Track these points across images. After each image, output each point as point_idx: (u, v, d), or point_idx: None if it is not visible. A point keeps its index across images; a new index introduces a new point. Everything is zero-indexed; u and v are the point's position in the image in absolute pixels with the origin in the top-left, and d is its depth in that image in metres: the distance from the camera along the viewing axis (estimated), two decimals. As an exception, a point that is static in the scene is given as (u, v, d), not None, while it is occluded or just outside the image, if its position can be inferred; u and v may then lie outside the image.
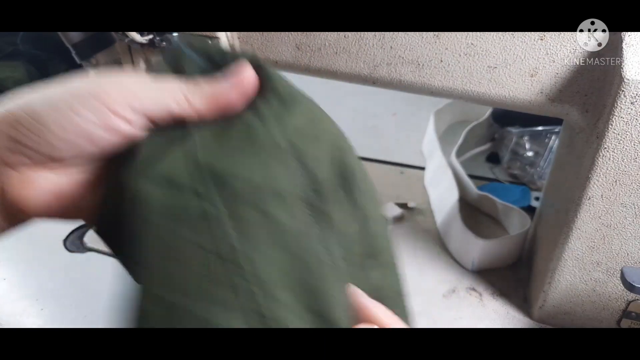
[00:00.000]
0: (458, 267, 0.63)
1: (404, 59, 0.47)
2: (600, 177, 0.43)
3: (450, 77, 0.46)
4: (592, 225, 0.46)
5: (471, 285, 0.60)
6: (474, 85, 0.46)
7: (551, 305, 0.53)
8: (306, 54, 0.50)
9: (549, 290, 0.52)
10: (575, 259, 0.48)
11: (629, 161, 0.41)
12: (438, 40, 0.45)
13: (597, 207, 0.45)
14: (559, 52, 0.42)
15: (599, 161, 0.42)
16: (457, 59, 0.45)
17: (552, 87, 0.43)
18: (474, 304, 0.57)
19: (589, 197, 0.44)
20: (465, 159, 0.84)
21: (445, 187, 0.71)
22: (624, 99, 0.39)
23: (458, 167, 0.74)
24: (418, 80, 0.48)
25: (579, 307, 0.52)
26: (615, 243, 0.46)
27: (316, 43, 0.49)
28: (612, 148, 0.41)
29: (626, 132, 0.40)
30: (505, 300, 0.58)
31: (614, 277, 0.49)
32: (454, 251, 0.64)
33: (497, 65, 0.44)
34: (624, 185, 0.43)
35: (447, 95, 0.48)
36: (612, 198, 0.44)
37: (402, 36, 0.46)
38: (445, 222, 0.67)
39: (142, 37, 0.50)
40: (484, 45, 0.44)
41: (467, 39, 0.44)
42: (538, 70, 0.43)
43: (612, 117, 0.40)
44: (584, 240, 0.47)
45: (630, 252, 0.46)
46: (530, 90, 0.44)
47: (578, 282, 0.50)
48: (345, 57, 0.49)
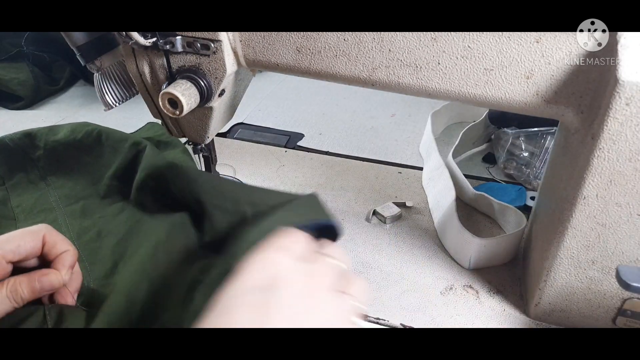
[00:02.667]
0: (455, 265, 0.63)
1: (402, 61, 0.47)
2: (595, 177, 0.44)
3: (447, 80, 0.47)
4: (587, 224, 0.46)
5: (468, 283, 0.61)
6: (471, 88, 0.47)
7: (547, 303, 0.54)
8: (306, 57, 0.51)
9: (545, 288, 0.52)
10: (571, 257, 0.49)
11: (623, 161, 0.42)
12: (435, 43, 0.46)
13: (592, 206, 0.45)
14: (554, 55, 0.42)
15: (594, 161, 0.43)
16: (454, 62, 0.46)
17: (548, 89, 0.44)
18: (471, 302, 0.58)
19: (584, 197, 0.45)
20: (462, 160, 0.85)
21: (442, 187, 0.72)
22: (618, 100, 0.39)
23: (455, 167, 0.75)
24: (416, 82, 0.48)
25: (574, 305, 0.53)
26: (610, 242, 0.47)
27: (316, 46, 0.50)
28: (607, 148, 0.42)
29: (621, 132, 0.41)
30: (502, 297, 0.59)
31: (609, 276, 0.49)
32: (451, 249, 0.65)
33: (494, 67, 0.45)
34: (619, 185, 0.43)
35: (444, 97, 0.49)
36: (607, 198, 0.44)
37: (400, 39, 0.46)
38: (442, 221, 0.68)
39: (146, 40, 0.50)
40: (480, 48, 0.44)
41: (463, 41, 0.45)
42: (534, 73, 0.44)
43: (607, 118, 0.41)
44: (579, 239, 0.48)
45: (625, 250, 0.47)
46: (526, 92, 0.45)
47: (573, 280, 0.51)
48: (345, 60, 0.49)
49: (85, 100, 1.10)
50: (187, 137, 0.62)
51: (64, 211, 0.68)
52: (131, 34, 0.49)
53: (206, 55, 0.51)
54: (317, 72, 0.51)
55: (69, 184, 0.73)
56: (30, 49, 1.10)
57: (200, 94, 0.52)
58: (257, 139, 0.93)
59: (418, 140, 0.91)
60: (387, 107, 1.05)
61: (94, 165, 0.74)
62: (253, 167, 0.83)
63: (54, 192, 0.72)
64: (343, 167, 0.84)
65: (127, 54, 0.55)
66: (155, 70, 0.54)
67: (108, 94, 0.58)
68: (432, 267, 0.63)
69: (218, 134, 0.83)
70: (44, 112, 1.05)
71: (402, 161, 0.86)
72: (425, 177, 0.79)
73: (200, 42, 0.50)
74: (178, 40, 0.51)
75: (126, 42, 0.52)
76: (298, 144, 0.91)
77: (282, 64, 0.52)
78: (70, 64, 1.13)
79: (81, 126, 0.76)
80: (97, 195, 0.71)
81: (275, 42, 0.51)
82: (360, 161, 0.86)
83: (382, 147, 0.90)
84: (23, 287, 0.48)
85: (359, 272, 0.62)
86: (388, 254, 0.65)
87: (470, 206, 0.73)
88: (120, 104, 0.59)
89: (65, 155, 0.75)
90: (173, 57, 0.53)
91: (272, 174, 0.82)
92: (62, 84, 1.13)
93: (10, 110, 1.05)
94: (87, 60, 0.55)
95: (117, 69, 0.58)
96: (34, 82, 1.06)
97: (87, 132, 0.74)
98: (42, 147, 0.75)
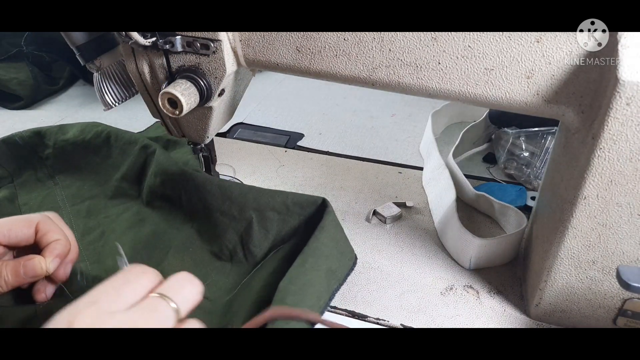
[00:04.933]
0: (455, 265, 0.63)
1: (402, 61, 0.47)
2: (596, 177, 0.44)
3: (447, 79, 0.47)
4: (587, 224, 0.46)
5: (468, 283, 0.60)
6: (471, 87, 0.47)
7: (547, 303, 0.53)
8: (306, 57, 0.51)
9: (545, 289, 0.52)
10: (571, 257, 0.49)
11: (624, 161, 0.42)
12: (436, 43, 0.45)
13: (593, 206, 0.45)
14: (555, 54, 0.42)
15: (594, 161, 0.43)
16: (455, 62, 0.46)
17: (548, 89, 0.44)
18: (471, 302, 0.58)
19: (584, 197, 0.45)
20: (463, 160, 0.85)
21: (442, 187, 0.72)
22: (619, 100, 0.39)
23: (455, 167, 0.75)
24: (416, 82, 0.48)
25: (575, 305, 0.53)
26: (610, 242, 0.47)
27: (316, 46, 0.50)
28: (608, 148, 0.42)
29: (621, 132, 0.41)
30: (502, 298, 0.59)
31: (610, 276, 0.49)
32: (451, 250, 0.65)
33: (494, 67, 0.45)
34: (620, 185, 0.43)
35: (444, 97, 0.49)
36: (608, 198, 0.44)
37: (400, 39, 0.46)
38: (442, 221, 0.68)
39: (145, 40, 0.50)
40: (480, 48, 0.44)
41: (464, 41, 0.45)
42: (534, 72, 0.44)
43: (607, 118, 0.40)
44: (579, 239, 0.48)
45: (625, 250, 0.47)
46: (526, 92, 0.45)
47: (574, 280, 0.51)
48: (345, 60, 0.49)
49: (85, 100, 1.10)
50: (187, 137, 0.62)
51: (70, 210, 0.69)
52: (131, 33, 0.49)
53: (206, 55, 0.51)
54: (317, 72, 0.51)
55: (76, 184, 0.74)
56: (29, 48, 1.10)
57: (200, 94, 0.52)
58: (257, 139, 0.93)
59: (418, 140, 0.91)
60: (387, 107, 1.05)
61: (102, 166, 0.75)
62: (253, 167, 0.83)
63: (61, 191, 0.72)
64: (343, 167, 0.84)
65: (126, 53, 0.55)
66: (154, 70, 0.54)
67: (107, 93, 0.58)
68: (432, 267, 0.63)
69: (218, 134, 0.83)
70: (43, 112, 1.05)
71: (402, 161, 0.86)
72: (426, 177, 0.79)
73: (200, 42, 0.50)
74: (178, 40, 0.51)
75: (126, 42, 0.52)
76: (298, 144, 0.91)
77: (282, 64, 0.52)
78: (70, 63, 1.13)
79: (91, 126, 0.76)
80: (103, 196, 0.71)
81: (275, 41, 0.51)
82: (360, 161, 0.86)
83: (382, 147, 0.90)
84: (8, 271, 0.48)
85: (359, 272, 0.62)
86: (388, 254, 0.65)
87: (471, 206, 0.73)
88: (120, 103, 0.59)
89: (73, 155, 0.76)
90: (173, 56, 0.53)
91: (272, 174, 0.82)
92: (61, 84, 1.13)
93: (9, 110, 1.05)
94: (87, 60, 0.55)
95: (116, 69, 0.58)
96: (34, 82, 1.06)
97: (97, 133, 0.75)
98: (52, 146, 0.76)
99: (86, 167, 0.75)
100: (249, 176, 0.81)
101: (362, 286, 0.60)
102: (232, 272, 0.59)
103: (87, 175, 0.74)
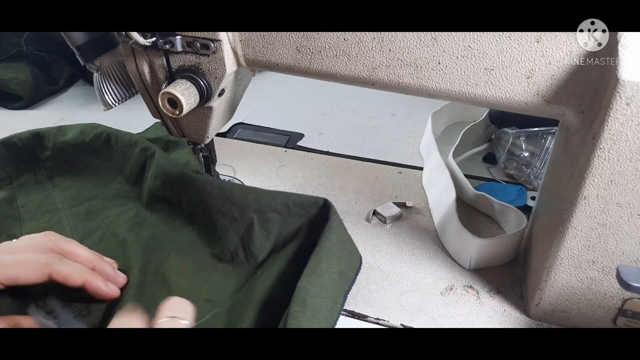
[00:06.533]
0: (455, 265, 0.63)
1: (402, 61, 0.47)
2: (596, 177, 0.44)
3: (447, 79, 0.47)
4: (587, 224, 0.46)
5: (468, 283, 0.60)
6: (471, 87, 0.47)
7: (547, 303, 0.53)
8: (306, 57, 0.51)
9: (545, 289, 0.52)
10: (571, 257, 0.49)
11: (624, 161, 0.42)
12: (436, 43, 0.45)
13: (593, 206, 0.45)
14: (555, 54, 0.42)
15: (594, 161, 0.43)
16: (455, 62, 0.46)
17: (548, 89, 0.44)
18: (471, 302, 0.58)
19: (584, 197, 0.45)
20: (462, 160, 0.85)
21: (442, 187, 0.72)
22: (619, 100, 0.39)
23: (455, 167, 0.75)
24: (416, 82, 0.48)
25: (575, 305, 0.53)
26: (610, 242, 0.47)
27: (316, 46, 0.50)
28: (608, 148, 0.42)
29: (621, 132, 0.41)
30: (502, 298, 0.59)
31: (610, 276, 0.49)
32: (451, 250, 0.65)
33: (494, 67, 0.45)
34: (620, 185, 0.43)
35: (444, 97, 0.49)
36: (608, 198, 0.44)
37: (400, 39, 0.46)
38: (442, 221, 0.68)
39: (145, 40, 0.50)
40: (480, 48, 0.44)
41: (464, 41, 0.45)
42: (534, 72, 0.44)
43: (607, 118, 0.40)
44: (579, 239, 0.48)
45: (625, 251, 0.47)
46: (526, 92, 0.45)
47: (574, 280, 0.51)
48: (345, 60, 0.49)
49: (85, 100, 1.10)
50: (187, 137, 0.62)
51: (69, 212, 0.69)
52: (131, 33, 0.49)
53: (206, 55, 0.51)
54: (317, 72, 0.51)
55: (75, 185, 0.73)
56: (29, 48, 1.10)
57: (200, 94, 0.52)
58: (257, 139, 0.93)
59: (418, 140, 0.91)
60: (387, 107, 1.05)
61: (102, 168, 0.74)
62: (253, 167, 0.83)
63: (60, 193, 0.72)
64: (343, 167, 0.84)
65: (126, 53, 0.55)
66: (154, 70, 0.54)
67: (107, 93, 0.58)
68: (432, 267, 0.63)
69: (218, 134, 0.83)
70: (43, 112, 1.05)
71: (402, 161, 0.86)
72: (426, 177, 0.79)
73: (200, 42, 0.50)
74: (178, 40, 0.51)
75: (126, 42, 0.52)
76: (298, 144, 0.91)
77: (282, 64, 0.52)
78: (70, 63, 1.13)
79: (90, 128, 0.76)
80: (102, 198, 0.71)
81: (275, 41, 0.51)
82: (360, 161, 0.86)
83: (382, 147, 0.90)
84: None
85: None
86: (388, 254, 0.65)
87: (471, 206, 0.73)
88: (120, 104, 0.59)
89: (73, 157, 0.75)
90: (173, 56, 0.53)
91: (272, 174, 0.82)
92: (61, 84, 1.13)
93: (9, 110, 1.05)
94: (87, 60, 0.55)
95: (116, 69, 0.58)
96: (34, 82, 1.06)
97: (96, 135, 0.74)
98: (51, 147, 0.75)
99: (86, 169, 0.75)
100: (249, 176, 0.81)
101: (362, 286, 0.60)
102: (234, 274, 0.59)
103: (86, 177, 0.74)
